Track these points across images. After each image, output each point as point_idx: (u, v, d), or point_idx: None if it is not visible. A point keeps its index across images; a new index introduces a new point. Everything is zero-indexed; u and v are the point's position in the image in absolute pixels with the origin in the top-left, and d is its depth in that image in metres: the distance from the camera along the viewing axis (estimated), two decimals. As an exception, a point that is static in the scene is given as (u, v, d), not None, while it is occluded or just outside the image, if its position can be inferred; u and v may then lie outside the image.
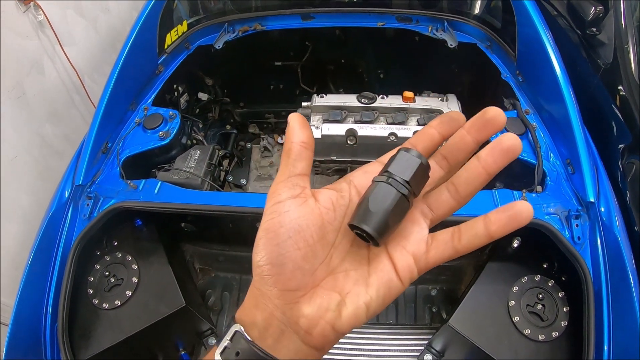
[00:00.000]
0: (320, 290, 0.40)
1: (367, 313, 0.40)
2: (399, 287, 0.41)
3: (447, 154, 0.42)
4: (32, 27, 2.06)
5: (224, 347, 0.40)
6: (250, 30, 1.96)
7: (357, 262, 0.42)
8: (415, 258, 0.41)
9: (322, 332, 0.39)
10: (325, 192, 0.42)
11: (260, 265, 0.39)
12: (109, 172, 1.48)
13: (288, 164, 0.41)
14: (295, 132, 0.42)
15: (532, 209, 0.37)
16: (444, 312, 1.65)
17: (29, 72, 2.05)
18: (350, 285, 0.41)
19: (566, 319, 1.22)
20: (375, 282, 0.40)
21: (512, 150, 0.38)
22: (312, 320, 0.39)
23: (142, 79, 1.72)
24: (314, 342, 0.40)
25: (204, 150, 1.66)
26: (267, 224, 0.40)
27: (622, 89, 1.67)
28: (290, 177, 0.41)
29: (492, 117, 0.39)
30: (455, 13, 1.86)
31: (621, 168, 1.62)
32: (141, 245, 1.47)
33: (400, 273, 0.41)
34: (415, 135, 0.44)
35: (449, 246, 0.41)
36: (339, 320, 0.39)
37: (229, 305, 1.74)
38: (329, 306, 0.39)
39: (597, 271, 1.17)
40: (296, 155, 0.41)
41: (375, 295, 0.40)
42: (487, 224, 0.39)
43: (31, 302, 1.28)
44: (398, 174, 0.39)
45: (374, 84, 2.26)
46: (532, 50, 1.58)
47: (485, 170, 0.39)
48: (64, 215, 1.38)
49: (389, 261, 0.41)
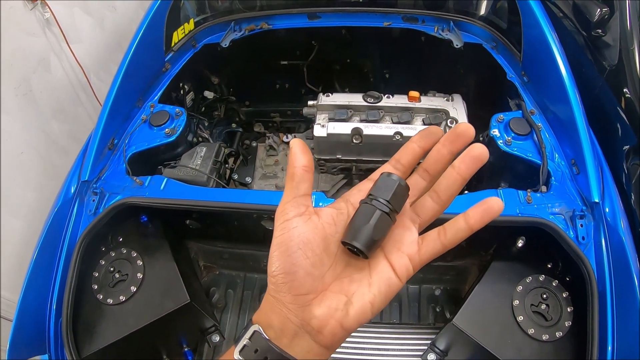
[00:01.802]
0: (328, 294, 0.46)
1: (372, 309, 0.45)
2: (398, 284, 0.46)
3: (428, 166, 0.49)
4: (39, 24, 2.07)
5: (243, 346, 0.45)
6: (257, 29, 1.96)
7: (359, 267, 0.47)
8: (410, 257, 0.47)
9: (332, 330, 0.44)
10: (327, 210, 0.49)
11: (275, 274, 0.45)
12: (115, 169, 1.49)
13: (292, 186, 0.47)
14: (298, 157, 0.47)
15: (502, 203, 0.44)
16: (448, 311, 1.66)
17: (36, 69, 2.06)
18: (355, 286, 0.46)
19: (570, 319, 1.22)
20: (376, 282, 0.46)
21: (480, 158, 0.45)
22: (322, 321, 0.44)
23: (148, 77, 1.73)
24: (324, 341, 0.45)
25: (210, 148, 1.67)
26: (278, 239, 0.46)
27: (627, 91, 1.67)
28: (296, 197, 0.47)
29: (462, 132, 0.46)
30: (461, 13, 1.86)
31: (626, 170, 1.62)
32: (146, 242, 1.48)
33: (398, 272, 0.46)
34: (399, 150, 0.51)
35: (437, 243, 0.47)
36: (347, 318, 0.45)
37: (233, 302, 1.75)
38: (337, 306, 0.45)
39: (601, 271, 1.17)
40: (299, 178, 0.47)
41: (377, 292, 0.46)
42: (467, 219, 0.45)
43: (36, 297, 1.28)
44: (380, 196, 0.45)
45: (379, 83, 2.27)
46: (537, 51, 1.59)
47: (460, 175, 0.46)
48: (70, 211, 1.39)
49: (387, 263, 0.47)
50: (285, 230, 0.46)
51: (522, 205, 1.28)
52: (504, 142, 1.45)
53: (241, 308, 1.74)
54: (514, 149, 1.44)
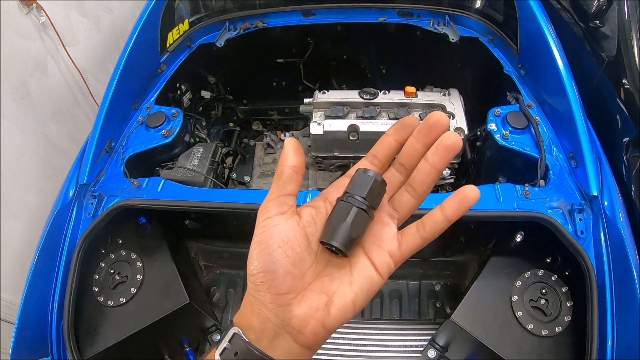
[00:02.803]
0: (309, 293, 0.45)
1: (354, 308, 0.45)
2: (379, 281, 0.46)
3: (403, 161, 0.48)
4: (35, 28, 2.07)
5: (223, 348, 0.44)
6: (252, 28, 1.96)
7: (339, 266, 0.47)
8: (391, 254, 0.46)
9: (313, 330, 0.44)
10: (306, 209, 0.48)
11: (255, 273, 0.44)
12: (113, 171, 1.49)
13: (279, 185, 0.47)
14: (289, 157, 0.46)
15: (478, 192, 0.42)
16: (448, 307, 1.66)
17: (33, 72, 2.06)
18: (336, 285, 0.45)
19: (569, 314, 1.21)
20: (358, 280, 0.45)
21: (452, 147, 0.43)
22: (303, 320, 0.44)
23: (144, 78, 1.73)
24: (305, 341, 0.44)
25: (206, 148, 1.67)
26: (259, 236, 0.45)
27: (626, 82, 1.66)
28: (280, 196, 0.46)
29: (435, 122, 0.44)
30: (457, 7, 1.85)
31: (626, 162, 1.60)
32: (145, 243, 1.48)
33: (379, 269, 0.46)
34: (375, 145, 0.49)
35: (416, 237, 0.46)
36: (328, 317, 0.44)
37: (233, 301, 1.75)
38: (318, 306, 0.44)
39: (600, 265, 1.17)
40: (287, 178, 0.46)
41: (359, 291, 0.45)
42: (443, 210, 0.44)
43: (37, 300, 1.29)
44: (356, 193, 0.44)
45: (376, 79, 2.26)
46: (534, 43, 1.57)
47: (434, 167, 0.44)
48: (69, 214, 1.39)
49: (367, 260, 0.46)
50: (266, 228, 0.45)
51: (520, 200, 1.27)
52: (501, 136, 1.44)
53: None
54: (511, 143, 1.43)
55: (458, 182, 1.80)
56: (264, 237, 0.45)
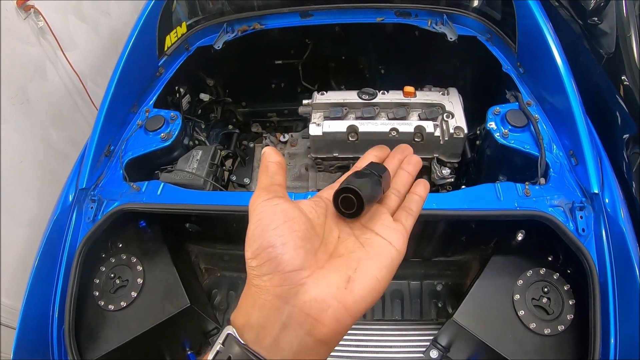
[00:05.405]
0: (325, 271, 0.40)
1: (379, 284, 0.40)
2: (397, 255, 0.44)
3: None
4: (34, 33, 2.07)
5: (216, 352, 0.38)
6: (250, 30, 1.96)
7: (350, 247, 0.44)
8: (397, 228, 0.48)
9: (334, 315, 0.37)
10: (304, 201, 0.47)
11: (258, 253, 0.39)
12: (112, 175, 1.49)
13: (267, 176, 0.46)
14: (270, 155, 0.48)
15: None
16: (450, 307, 1.65)
17: (32, 77, 2.07)
18: (354, 263, 0.41)
19: (572, 312, 1.20)
20: (377, 255, 0.43)
21: (419, 162, 0.57)
22: (321, 303, 0.37)
23: (143, 82, 1.73)
24: (323, 332, 0.37)
25: (205, 151, 1.66)
26: (258, 216, 0.41)
27: (625, 79, 1.65)
28: (272, 185, 0.45)
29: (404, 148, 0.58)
30: (454, 6, 1.84)
31: (626, 158, 1.60)
32: (146, 247, 1.48)
33: (394, 243, 0.45)
34: (360, 160, 0.57)
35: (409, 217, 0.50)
36: (352, 297, 0.38)
37: (235, 304, 1.75)
38: (339, 283, 0.38)
39: (602, 263, 1.16)
40: (274, 170, 0.47)
41: (381, 265, 0.42)
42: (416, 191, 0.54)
43: (38, 305, 1.29)
44: (372, 169, 0.49)
45: (375, 79, 2.26)
46: (532, 41, 1.57)
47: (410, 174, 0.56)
48: (69, 219, 1.39)
49: (380, 237, 0.45)
50: (267, 206, 0.42)
51: (520, 198, 1.27)
52: (500, 134, 1.44)
53: (243, 309, 1.74)
54: (511, 141, 1.42)
55: (458, 181, 1.80)
56: (264, 215, 0.41)
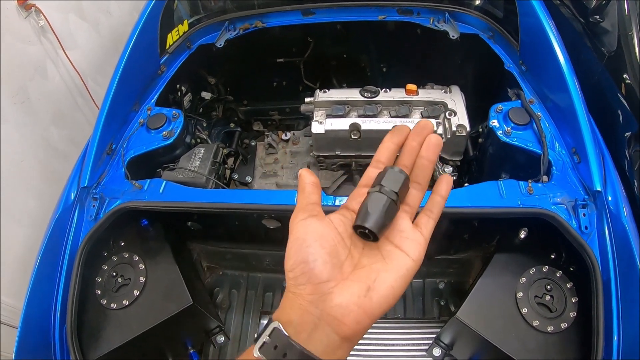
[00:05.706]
0: (348, 282, 0.48)
1: (394, 293, 0.48)
2: (413, 265, 0.50)
3: (405, 161, 0.55)
4: (34, 32, 2.06)
5: (262, 343, 0.46)
6: (251, 28, 1.95)
7: (373, 258, 0.51)
8: (415, 238, 0.52)
9: (355, 318, 0.46)
10: (334, 214, 0.54)
11: (293, 267, 0.48)
12: (114, 173, 1.48)
13: (305, 196, 0.54)
14: (307, 176, 0.55)
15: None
16: (453, 305, 1.65)
17: (33, 76, 2.06)
18: (374, 274, 0.49)
19: (575, 310, 1.21)
20: (394, 267, 0.49)
21: (438, 144, 0.54)
22: (345, 308, 0.46)
23: (144, 80, 1.73)
24: (347, 331, 0.46)
25: (208, 149, 1.66)
26: (295, 235, 0.50)
27: (627, 77, 1.65)
28: (308, 204, 0.53)
29: (424, 125, 0.55)
30: (457, 4, 1.84)
31: (628, 157, 1.60)
32: (148, 245, 1.48)
33: (410, 254, 0.51)
34: (378, 151, 0.57)
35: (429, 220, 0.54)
36: (370, 303, 0.47)
37: (237, 302, 1.75)
38: (360, 293, 0.47)
39: (605, 261, 1.16)
40: (310, 190, 0.54)
41: (397, 276, 0.49)
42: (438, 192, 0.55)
43: (40, 303, 1.28)
44: (389, 186, 0.51)
45: (377, 77, 2.25)
46: (534, 39, 1.57)
47: (429, 161, 0.54)
48: (71, 217, 1.39)
49: (397, 249, 0.51)
50: (302, 227, 0.50)
51: (523, 196, 1.27)
52: (503, 132, 1.44)
53: (245, 308, 1.74)
54: (513, 139, 1.42)
55: (460, 179, 1.79)
56: (299, 234, 0.50)
